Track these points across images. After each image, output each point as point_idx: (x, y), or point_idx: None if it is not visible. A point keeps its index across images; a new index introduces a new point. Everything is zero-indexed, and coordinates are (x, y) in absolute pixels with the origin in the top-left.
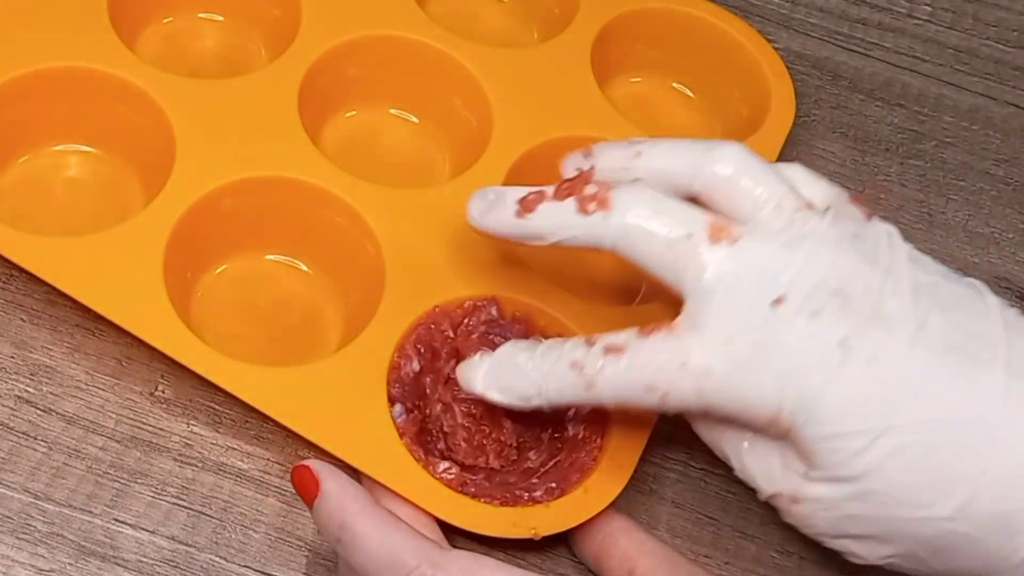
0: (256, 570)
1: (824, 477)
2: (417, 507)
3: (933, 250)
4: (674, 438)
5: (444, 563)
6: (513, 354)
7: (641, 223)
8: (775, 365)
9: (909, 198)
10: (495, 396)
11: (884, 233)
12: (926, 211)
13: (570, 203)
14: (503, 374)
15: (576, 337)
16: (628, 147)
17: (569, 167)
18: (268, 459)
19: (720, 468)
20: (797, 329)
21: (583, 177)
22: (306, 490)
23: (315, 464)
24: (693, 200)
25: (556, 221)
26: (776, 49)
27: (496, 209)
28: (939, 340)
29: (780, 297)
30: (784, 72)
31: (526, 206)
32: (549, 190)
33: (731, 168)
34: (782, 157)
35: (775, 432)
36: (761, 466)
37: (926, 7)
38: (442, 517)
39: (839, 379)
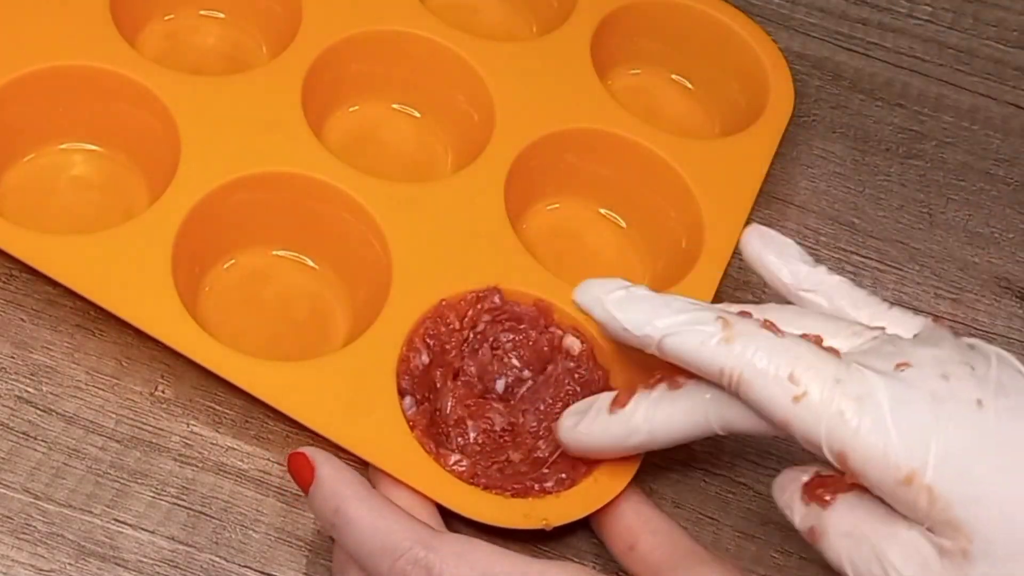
0: (256, 570)
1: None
2: (417, 493)
3: (933, 250)
4: None
5: (436, 545)
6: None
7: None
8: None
9: (909, 198)
10: (620, 310)
11: (978, 344)
12: (926, 211)
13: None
14: (635, 293)
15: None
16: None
17: None
18: (268, 459)
19: (720, 468)
20: (931, 387)
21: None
22: (301, 476)
23: (310, 451)
24: None
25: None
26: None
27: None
28: None
29: (904, 363)
30: (783, 64)
31: (618, 402)
32: None
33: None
34: (782, 155)
35: (905, 495)
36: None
37: (926, 7)
38: (453, 508)
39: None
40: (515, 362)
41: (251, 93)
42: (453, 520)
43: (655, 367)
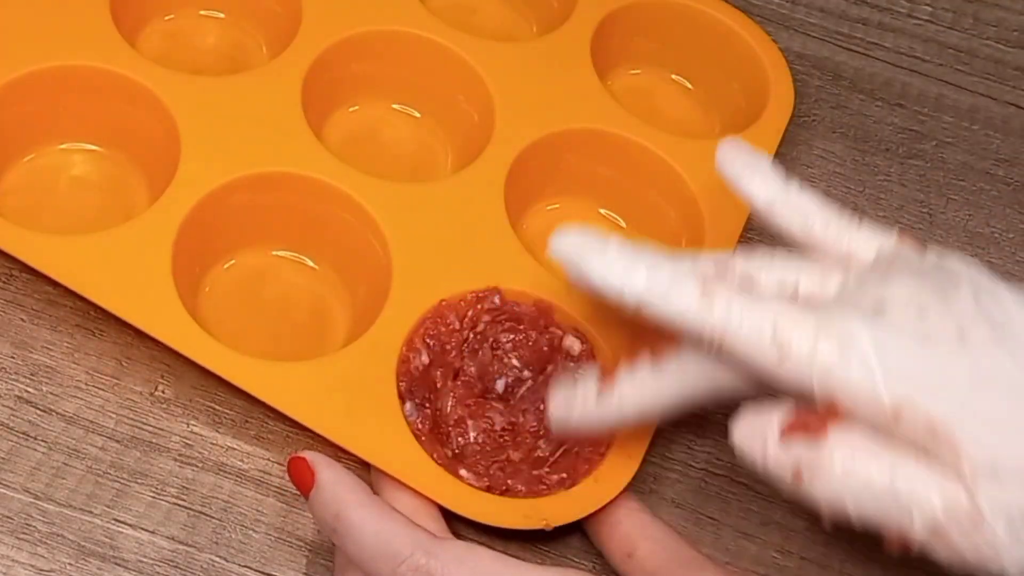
0: (256, 570)
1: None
2: (419, 497)
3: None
4: (675, 438)
5: (437, 551)
6: (621, 240)
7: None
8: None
9: (909, 198)
10: (595, 268)
11: (963, 274)
12: (926, 211)
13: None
14: (609, 250)
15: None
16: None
17: None
18: (268, 459)
19: (720, 468)
20: (912, 324)
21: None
22: (302, 481)
23: (311, 455)
24: None
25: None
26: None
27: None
28: None
29: (881, 302)
30: (783, 64)
31: (605, 382)
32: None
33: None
34: (781, 155)
35: (902, 432)
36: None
37: (926, 7)
38: (453, 509)
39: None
40: (515, 362)
41: (251, 93)
42: (453, 520)
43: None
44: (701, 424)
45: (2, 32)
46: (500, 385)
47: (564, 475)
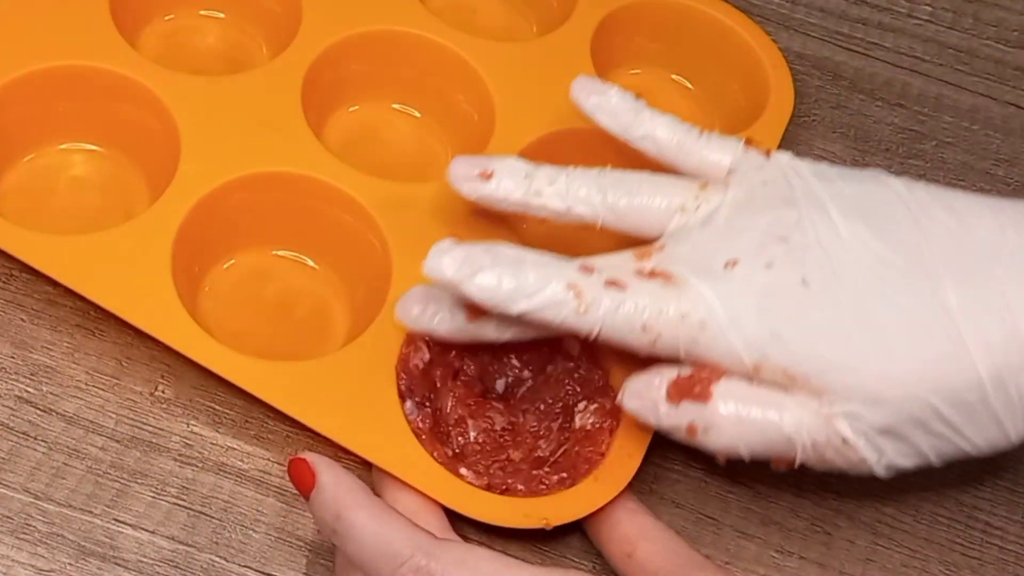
0: (256, 570)
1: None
2: (421, 497)
3: None
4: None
5: (438, 553)
6: (498, 250)
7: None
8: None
9: None
10: (471, 288)
11: (786, 165)
12: None
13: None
14: (484, 265)
15: (571, 259)
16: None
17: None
18: (268, 459)
19: (720, 468)
20: (760, 282)
21: None
22: (303, 482)
23: (311, 456)
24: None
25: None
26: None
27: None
28: (875, 252)
29: (731, 260)
30: (782, 63)
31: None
32: None
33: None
34: None
35: (767, 381)
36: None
37: (926, 7)
38: (453, 508)
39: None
40: (515, 362)
41: (251, 93)
42: (453, 519)
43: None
44: None
45: (2, 32)
46: (500, 385)
47: (564, 475)
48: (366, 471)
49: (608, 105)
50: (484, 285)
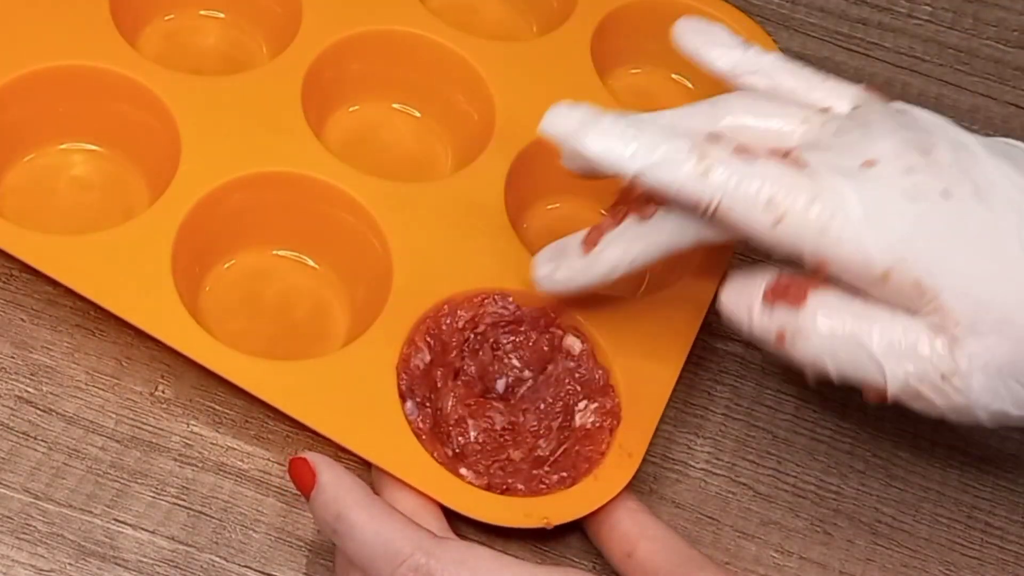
0: (256, 570)
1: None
2: (421, 496)
3: None
4: (675, 438)
5: (437, 552)
6: (617, 111)
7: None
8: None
9: None
10: (590, 142)
11: (913, 108)
12: None
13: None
14: (604, 119)
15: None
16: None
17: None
18: (268, 459)
19: (720, 468)
20: (900, 185)
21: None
22: (303, 482)
23: (311, 456)
24: None
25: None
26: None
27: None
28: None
29: (869, 160)
30: None
31: (589, 242)
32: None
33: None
34: None
35: (887, 291)
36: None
37: (926, 7)
38: (454, 507)
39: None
40: (515, 362)
41: (251, 93)
42: (453, 519)
43: (657, 358)
44: (701, 424)
45: (2, 32)
46: (500, 385)
47: (564, 474)
48: (366, 471)
49: (717, 42)
50: (606, 131)
